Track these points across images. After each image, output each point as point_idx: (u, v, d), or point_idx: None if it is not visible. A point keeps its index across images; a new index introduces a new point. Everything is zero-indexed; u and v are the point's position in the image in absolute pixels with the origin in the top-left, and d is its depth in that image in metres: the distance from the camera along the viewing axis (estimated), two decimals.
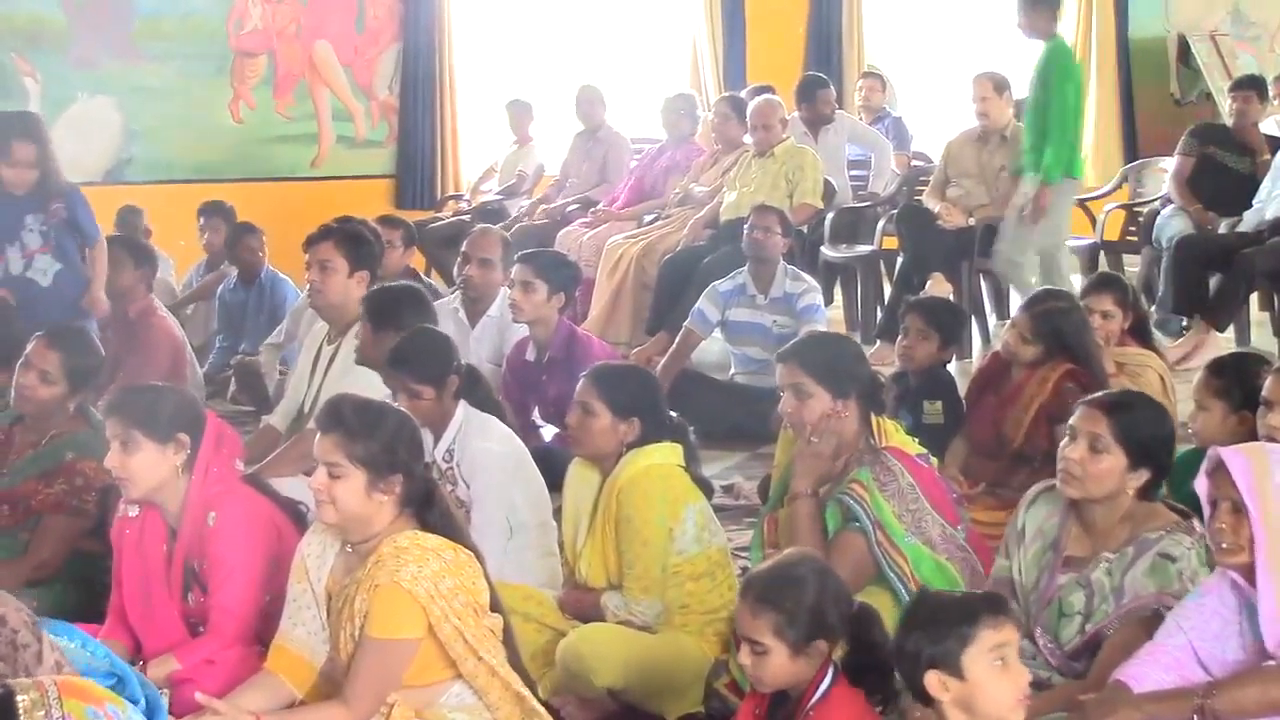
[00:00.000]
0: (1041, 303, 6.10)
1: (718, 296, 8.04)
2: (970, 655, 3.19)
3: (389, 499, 3.79)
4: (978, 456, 6.17)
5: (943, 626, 3.22)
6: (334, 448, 3.78)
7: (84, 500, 5.06)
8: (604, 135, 10.93)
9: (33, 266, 6.87)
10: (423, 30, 12.31)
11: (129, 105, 11.74)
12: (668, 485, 4.62)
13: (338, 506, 3.78)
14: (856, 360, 4.77)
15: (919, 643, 3.24)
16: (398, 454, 3.80)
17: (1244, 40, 13.40)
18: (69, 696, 3.27)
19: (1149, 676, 3.56)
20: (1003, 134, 9.37)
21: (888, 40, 13.41)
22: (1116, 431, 3.94)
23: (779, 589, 3.55)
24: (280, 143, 12.25)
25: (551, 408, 6.86)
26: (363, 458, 3.76)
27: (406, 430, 3.88)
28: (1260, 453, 3.60)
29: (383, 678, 3.70)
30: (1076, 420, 4.02)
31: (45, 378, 5.20)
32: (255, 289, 9.09)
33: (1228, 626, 3.56)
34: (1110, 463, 3.94)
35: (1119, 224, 10.64)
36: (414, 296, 5.99)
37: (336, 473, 3.76)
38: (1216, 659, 3.55)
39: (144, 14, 11.78)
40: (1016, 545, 4.17)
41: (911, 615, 3.33)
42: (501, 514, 5.02)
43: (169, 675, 4.14)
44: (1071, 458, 3.97)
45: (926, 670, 3.22)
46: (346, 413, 3.83)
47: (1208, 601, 3.61)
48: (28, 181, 6.74)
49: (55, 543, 5.08)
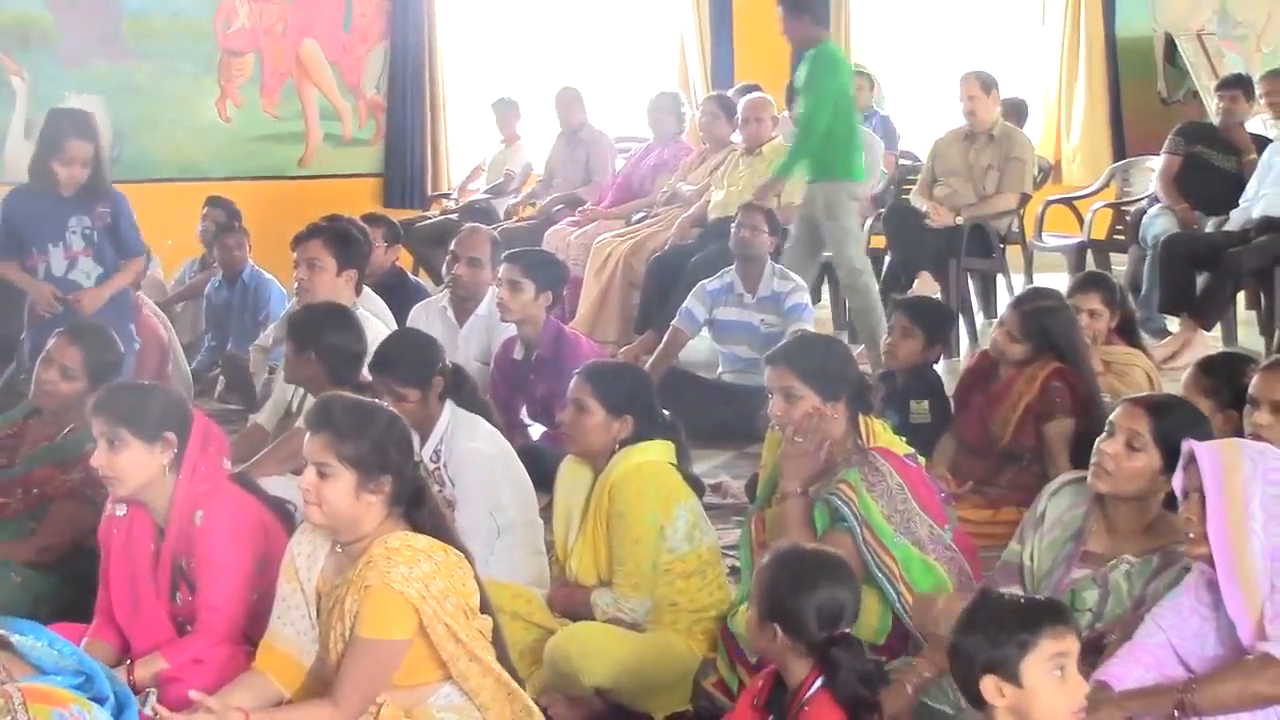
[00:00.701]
0: (1030, 301, 6.13)
1: (705, 295, 8.04)
2: (1029, 663, 3.14)
3: (378, 499, 3.77)
4: (966, 455, 6.18)
5: (1004, 631, 3.16)
6: (323, 448, 3.76)
7: (97, 492, 5.02)
8: (585, 135, 10.94)
9: (75, 268, 6.82)
10: (410, 29, 12.30)
11: (116, 104, 11.72)
12: (660, 483, 4.63)
13: (325, 507, 3.76)
14: (845, 362, 4.77)
15: (978, 645, 3.18)
16: (388, 454, 3.78)
17: (1231, 39, 13.41)
18: (34, 701, 3.28)
19: (1130, 675, 3.57)
20: (990, 133, 9.39)
21: (875, 39, 13.41)
22: (1156, 432, 3.93)
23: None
24: (268, 141, 12.24)
25: (539, 406, 6.86)
26: (352, 458, 3.74)
27: (397, 430, 3.86)
28: (1232, 447, 3.62)
29: (372, 678, 3.69)
30: (1117, 416, 4.00)
31: (66, 373, 5.23)
32: (238, 288, 9.08)
33: (1205, 623, 3.58)
34: (1145, 462, 3.93)
35: (1106, 223, 10.65)
36: (338, 316, 5.67)
37: (326, 472, 3.75)
38: (1196, 655, 3.57)
39: (131, 13, 11.77)
40: (1033, 531, 4.15)
41: (971, 616, 3.26)
42: (487, 514, 5.02)
43: (157, 674, 4.13)
44: (1107, 451, 3.95)
45: (983, 674, 3.16)
46: (336, 413, 3.81)
47: (1185, 599, 3.62)
48: (78, 181, 6.69)
49: (63, 528, 5.07)
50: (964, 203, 9.40)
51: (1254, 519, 3.49)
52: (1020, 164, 9.41)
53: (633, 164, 10.61)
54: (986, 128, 9.38)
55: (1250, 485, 3.51)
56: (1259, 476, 3.53)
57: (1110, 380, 6.24)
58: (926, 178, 9.63)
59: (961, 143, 9.49)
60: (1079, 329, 6.14)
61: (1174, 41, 13.23)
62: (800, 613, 3.54)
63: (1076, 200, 11.15)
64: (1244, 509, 3.50)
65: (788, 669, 3.59)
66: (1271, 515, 3.50)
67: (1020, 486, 5.80)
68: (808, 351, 4.74)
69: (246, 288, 9.08)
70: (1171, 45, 13.27)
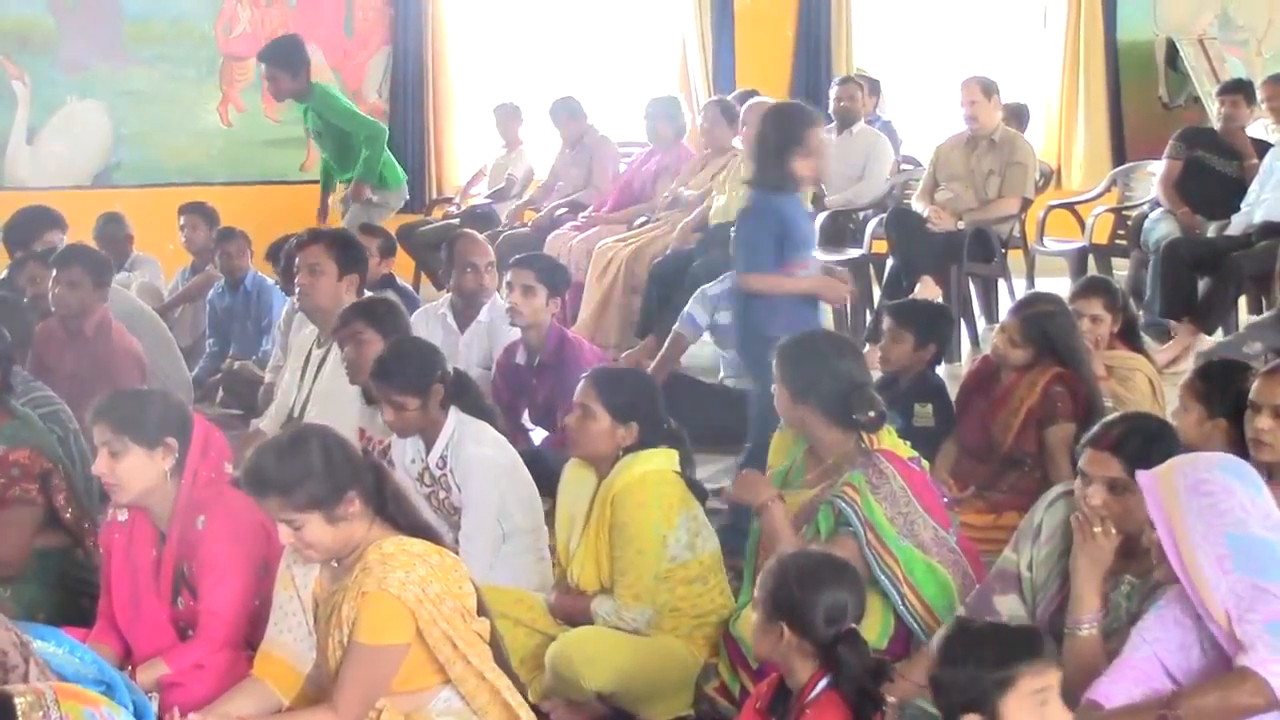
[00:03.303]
0: (1030, 306, 6.12)
1: (707, 300, 8.03)
2: (1009, 701, 3.15)
3: (354, 513, 3.73)
4: (967, 459, 6.18)
5: (981, 669, 3.17)
6: (280, 508, 3.70)
7: (25, 490, 4.96)
8: (589, 141, 10.93)
9: None
10: (412, 33, 12.30)
11: (118, 109, 11.74)
12: (663, 493, 4.63)
13: (316, 549, 3.74)
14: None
15: (956, 683, 3.19)
16: (337, 477, 3.70)
17: (1232, 44, 13.40)
18: (66, 699, 3.29)
19: (1119, 692, 3.56)
20: (991, 138, 9.38)
21: (877, 43, 13.41)
22: (1132, 471, 3.83)
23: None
24: (269, 146, 12.24)
25: (541, 411, 6.86)
26: (309, 502, 3.68)
27: (331, 449, 3.75)
28: (1169, 471, 3.62)
29: (371, 684, 3.69)
30: (1087, 466, 3.93)
31: None
32: (240, 294, 9.06)
33: (1189, 634, 3.57)
34: (1133, 500, 3.85)
35: (1107, 228, 10.64)
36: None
37: (296, 525, 3.70)
38: (1182, 668, 3.56)
39: (133, 17, 11.78)
40: (1029, 542, 4.14)
41: (948, 650, 3.27)
42: (494, 519, 5.02)
43: (158, 679, 4.13)
44: (1092, 504, 3.87)
45: (964, 711, 3.18)
46: (270, 471, 3.71)
47: (1168, 613, 3.62)
48: None
49: (13, 537, 4.95)
50: (965, 207, 9.39)
51: (1194, 532, 3.51)
52: (1022, 168, 9.40)
53: (634, 169, 10.60)
54: (988, 132, 9.38)
55: (1188, 503, 3.53)
56: (1191, 490, 3.55)
57: (1112, 385, 6.23)
58: (928, 182, 9.63)
59: (963, 147, 9.49)
60: (1079, 333, 6.13)
61: (1175, 46, 13.21)
62: (808, 610, 3.55)
63: (1078, 205, 11.13)
64: (1186, 528, 3.52)
65: (792, 671, 3.60)
66: (1210, 525, 3.51)
67: (1022, 491, 5.79)
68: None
69: (249, 294, 9.06)
70: (1173, 50, 13.25)
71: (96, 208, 9.84)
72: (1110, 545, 3.86)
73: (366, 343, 5.71)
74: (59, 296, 6.85)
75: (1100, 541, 3.85)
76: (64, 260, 6.95)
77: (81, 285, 6.84)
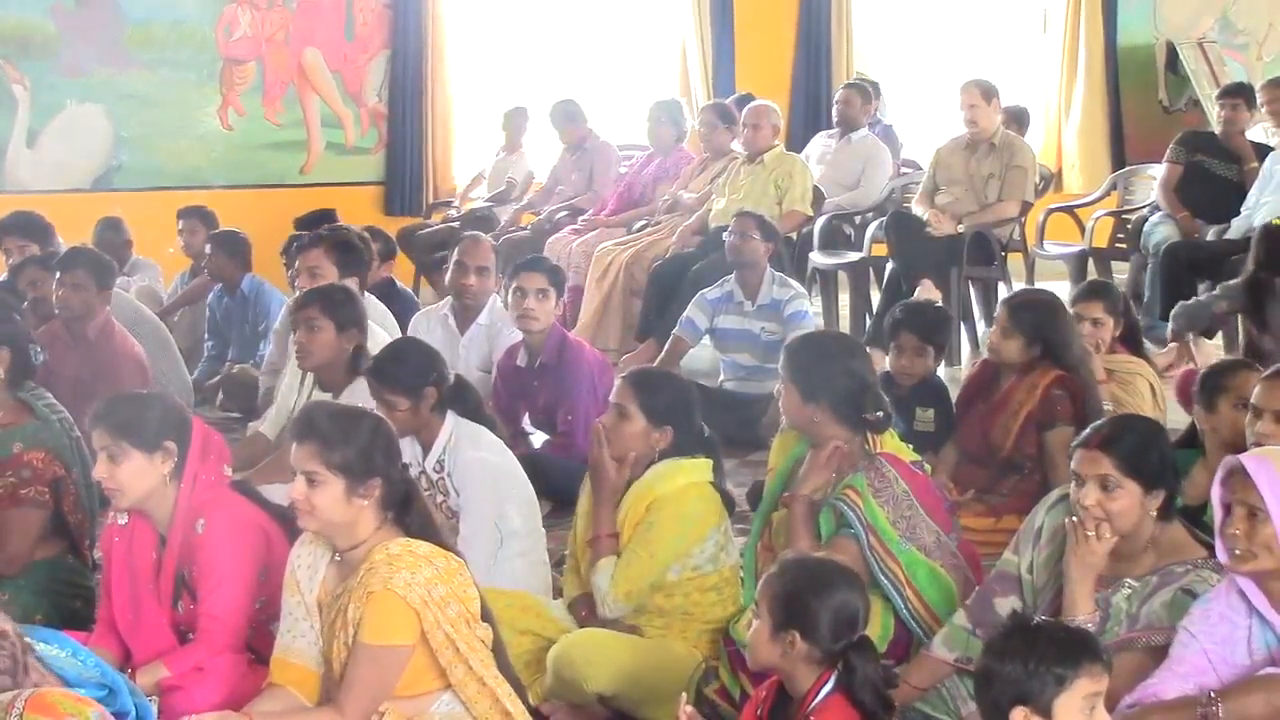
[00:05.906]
0: (1018, 297, 6.17)
1: (706, 304, 8.04)
2: (1064, 700, 3.12)
3: (368, 503, 3.79)
4: (967, 463, 6.18)
5: (1042, 664, 3.13)
6: (310, 456, 3.79)
7: (38, 491, 4.98)
8: (591, 145, 10.94)
9: None
10: (412, 37, 12.30)
11: (118, 112, 11.73)
12: (702, 509, 4.63)
13: (318, 514, 3.78)
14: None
15: (1013, 674, 3.15)
16: (374, 459, 3.81)
17: (1232, 47, 13.41)
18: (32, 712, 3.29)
19: (1170, 689, 3.53)
20: (991, 142, 9.39)
21: (877, 47, 13.42)
22: (1121, 465, 3.86)
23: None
24: (269, 149, 12.25)
25: (541, 414, 6.86)
26: (339, 464, 3.77)
27: (381, 434, 3.90)
28: (1278, 455, 3.59)
29: (376, 684, 3.69)
30: (1079, 467, 3.93)
31: None
32: (238, 298, 9.04)
33: (1236, 631, 3.55)
34: (1126, 498, 3.86)
35: (1107, 231, 10.65)
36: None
37: (315, 480, 3.78)
38: (1227, 661, 3.54)
39: (133, 21, 11.77)
40: (1030, 544, 4.14)
41: (1006, 642, 3.22)
42: (491, 523, 5.02)
43: (158, 682, 4.13)
44: (1086, 504, 3.87)
45: (1014, 705, 3.14)
46: (321, 421, 3.85)
47: (1214, 607, 3.60)
48: None
49: (18, 537, 4.98)
50: (965, 211, 9.40)
51: None
52: (1021, 172, 9.40)
53: (634, 172, 10.61)
54: (988, 136, 9.38)
55: None
56: None
57: (1112, 389, 6.24)
58: (928, 186, 9.63)
59: (963, 151, 9.49)
60: (1072, 325, 6.11)
61: (1175, 49, 13.23)
62: (819, 617, 3.53)
63: (1078, 208, 11.14)
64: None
65: (794, 679, 3.58)
66: None
67: (1022, 495, 5.80)
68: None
69: (247, 297, 9.05)
70: (1173, 53, 13.27)
71: (96, 211, 9.85)
72: (1104, 549, 3.85)
73: (319, 329, 5.78)
74: (63, 299, 6.85)
75: (1093, 545, 3.85)
76: (68, 262, 6.95)
77: (85, 287, 6.85)
